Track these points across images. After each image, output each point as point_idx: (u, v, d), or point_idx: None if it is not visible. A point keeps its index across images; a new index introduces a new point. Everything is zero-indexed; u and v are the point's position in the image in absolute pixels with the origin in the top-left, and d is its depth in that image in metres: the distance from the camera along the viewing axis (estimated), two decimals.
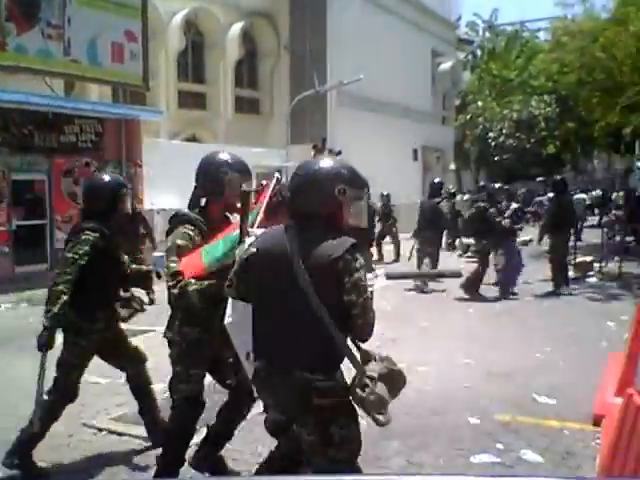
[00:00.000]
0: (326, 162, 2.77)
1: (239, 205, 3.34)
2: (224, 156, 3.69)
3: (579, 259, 13.25)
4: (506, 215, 10.91)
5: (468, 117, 34.61)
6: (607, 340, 7.47)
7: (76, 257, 4.00)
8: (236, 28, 22.82)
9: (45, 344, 3.86)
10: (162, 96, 20.79)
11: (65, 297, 3.90)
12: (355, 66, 21.28)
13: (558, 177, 13.56)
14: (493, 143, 32.69)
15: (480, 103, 34.41)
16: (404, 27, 26.83)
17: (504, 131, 32.24)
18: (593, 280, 12.73)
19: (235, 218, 3.61)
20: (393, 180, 20.57)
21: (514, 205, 11.58)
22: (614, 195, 25.55)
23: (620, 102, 16.55)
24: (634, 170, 34.60)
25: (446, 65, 31.03)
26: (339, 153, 20.71)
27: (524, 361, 6.81)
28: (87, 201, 4.42)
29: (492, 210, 10.73)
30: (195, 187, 3.73)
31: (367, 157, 21.72)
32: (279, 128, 22.34)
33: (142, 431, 4.75)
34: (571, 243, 12.13)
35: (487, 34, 38.34)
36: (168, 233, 3.62)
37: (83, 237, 4.07)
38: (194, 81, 23.19)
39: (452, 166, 32.19)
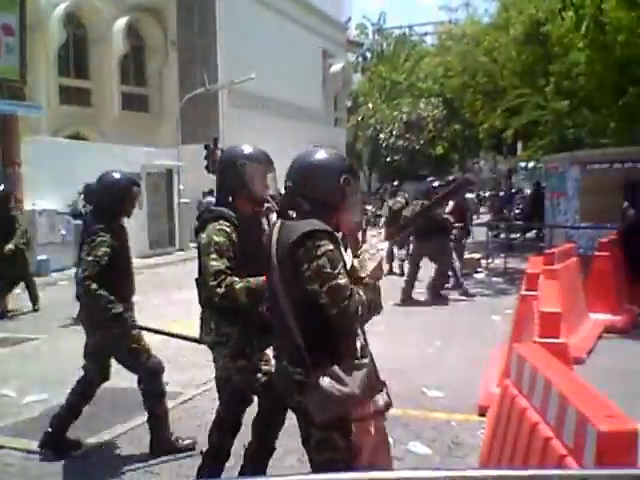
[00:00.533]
0: (327, 152, 2.69)
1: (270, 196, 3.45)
2: (241, 148, 3.54)
3: (467, 256, 13.72)
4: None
5: (359, 118, 35.21)
6: (493, 333, 7.73)
7: (97, 260, 4.13)
8: (121, 22, 22.09)
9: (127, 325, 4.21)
10: (42, 91, 19.75)
11: (111, 297, 4.11)
12: (247, 66, 21.12)
13: (451, 177, 13.97)
14: (384, 144, 33.42)
15: (371, 105, 35.10)
16: (295, 28, 26.95)
17: (394, 132, 33.02)
18: (481, 276, 13.24)
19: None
20: None
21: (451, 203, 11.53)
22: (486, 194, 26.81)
23: (501, 106, 17.33)
24: (517, 170, 36.52)
25: (337, 66, 31.42)
26: None
27: (414, 356, 6.94)
28: (99, 198, 4.52)
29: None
30: (218, 186, 3.59)
31: None
32: (170, 127, 21.82)
33: (22, 444, 4.54)
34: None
35: (376, 37, 39.22)
36: (198, 231, 3.43)
37: (99, 239, 4.19)
38: (77, 76, 22.23)
39: None
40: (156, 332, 4.43)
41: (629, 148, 14.26)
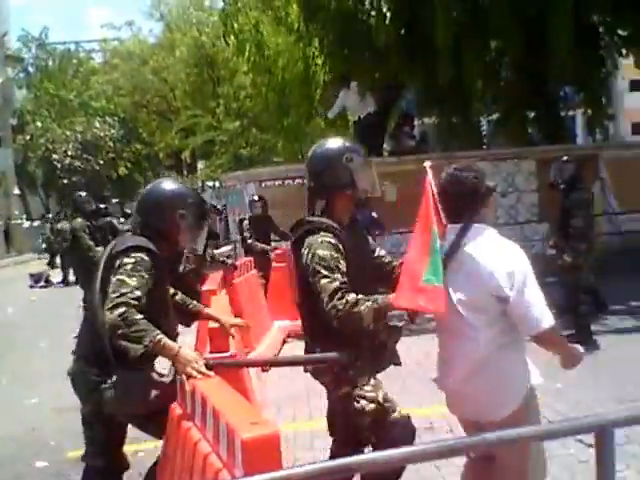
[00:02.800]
0: (176, 186, 3.12)
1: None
2: (339, 140, 3.06)
3: None
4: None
5: (28, 138, 32.79)
6: None
7: None
8: None
9: None
10: None
11: None
12: None
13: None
14: (59, 165, 31.63)
15: (40, 123, 32.90)
16: None
17: (70, 153, 31.44)
18: None
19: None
20: None
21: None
22: None
23: (176, 125, 17.62)
24: (205, 189, 37.54)
25: None
26: None
27: None
28: None
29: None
30: (311, 186, 3.03)
31: None
32: None
33: None
34: None
35: (39, 52, 36.88)
36: (296, 245, 2.94)
37: None
38: None
39: (15, 190, 30.10)
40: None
41: (298, 165, 15.50)
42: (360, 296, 2.73)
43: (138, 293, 2.67)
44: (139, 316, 2.60)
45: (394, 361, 3.01)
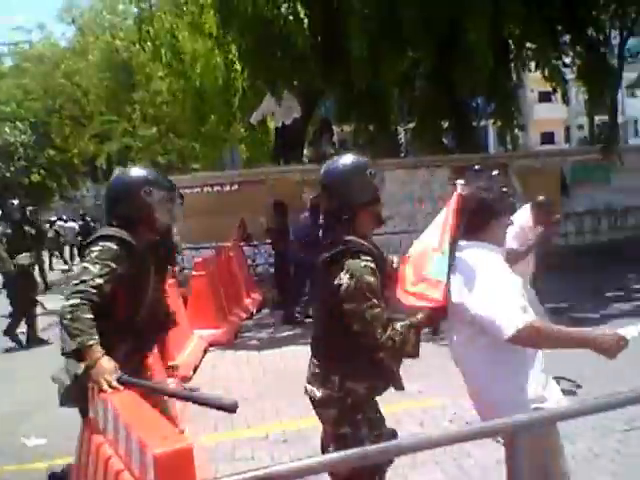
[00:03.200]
0: (133, 170, 3.27)
1: None
2: (354, 155, 2.90)
3: None
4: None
5: None
6: None
7: None
8: None
9: None
10: None
11: None
12: None
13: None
14: None
15: None
16: None
17: None
18: None
19: None
20: None
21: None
22: None
23: (90, 131, 17.12)
24: None
25: None
26: None
27: (9, 406, 6.31)
28: None
29: None
30: (332, 204, 2.83)
31: None
32: None
33: None
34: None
35: None
36: (330, 268, 2.68)
37: None
38: None
39: None
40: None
41: (217, 172, 15.37)
42: (402, 322, 2.65)
43: (99, 281, 2.78)
44: (88, 315, 2.69)
45: (398, 386, 2.85)
